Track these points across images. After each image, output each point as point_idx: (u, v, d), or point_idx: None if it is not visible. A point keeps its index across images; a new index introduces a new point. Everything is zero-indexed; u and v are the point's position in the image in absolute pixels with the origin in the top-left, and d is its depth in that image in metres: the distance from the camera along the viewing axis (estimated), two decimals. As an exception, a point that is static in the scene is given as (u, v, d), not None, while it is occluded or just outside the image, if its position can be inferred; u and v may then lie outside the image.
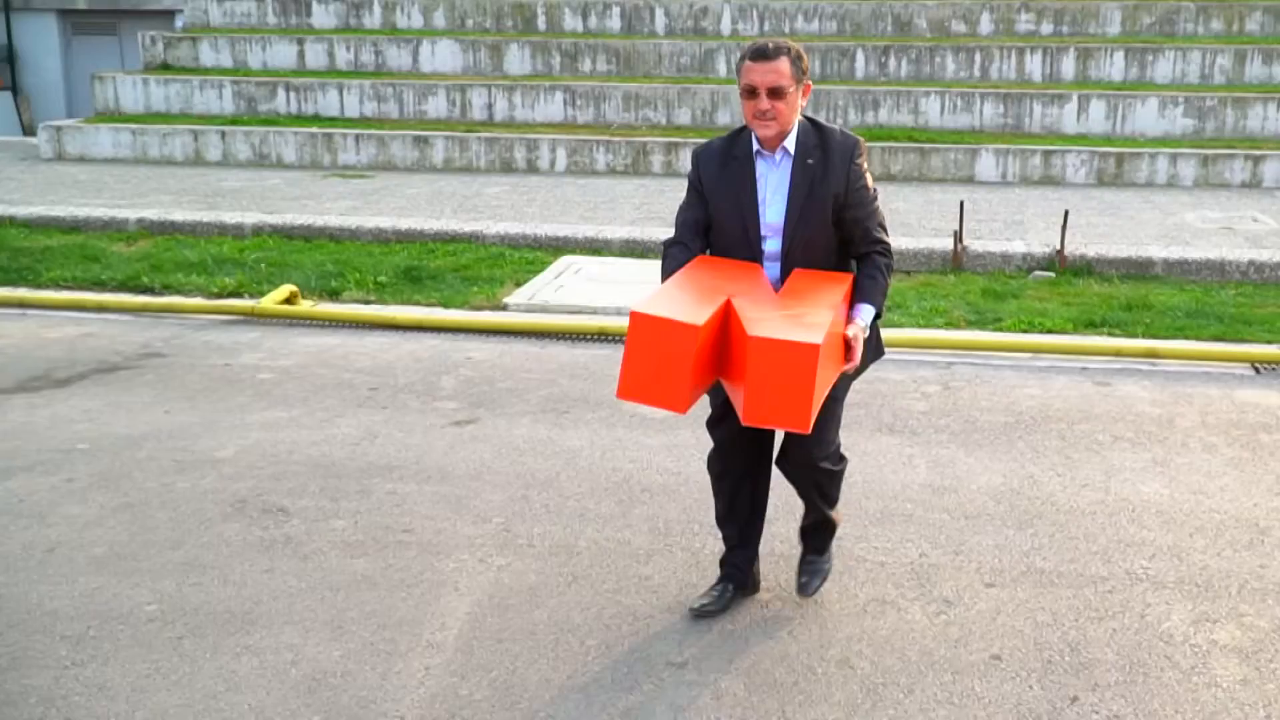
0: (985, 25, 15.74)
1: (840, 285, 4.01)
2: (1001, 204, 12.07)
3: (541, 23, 17.00)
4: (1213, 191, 12.73)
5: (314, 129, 15.19)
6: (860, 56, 15.15)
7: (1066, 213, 9.96)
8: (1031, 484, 5.72)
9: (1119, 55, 14.61)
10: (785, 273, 4.11)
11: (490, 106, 15.58)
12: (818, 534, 4.55)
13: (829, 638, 4.34)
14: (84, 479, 5.85)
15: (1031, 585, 4.72)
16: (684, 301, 3.71)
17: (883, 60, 15.11)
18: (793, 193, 4.06)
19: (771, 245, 4.13)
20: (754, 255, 4.13)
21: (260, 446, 6.26)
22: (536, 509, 5.47)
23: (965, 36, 15.58)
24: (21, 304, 9.45)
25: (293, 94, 16.18)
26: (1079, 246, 9.99)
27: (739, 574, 4.54)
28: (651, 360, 3.52)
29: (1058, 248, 9.84)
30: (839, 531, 4.65)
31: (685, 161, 13.84)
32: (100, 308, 9.29)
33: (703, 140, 4.45)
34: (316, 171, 14.84)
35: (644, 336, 3.53)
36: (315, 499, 5.60)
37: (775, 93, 3.96)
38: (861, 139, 4.12)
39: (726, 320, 3.72)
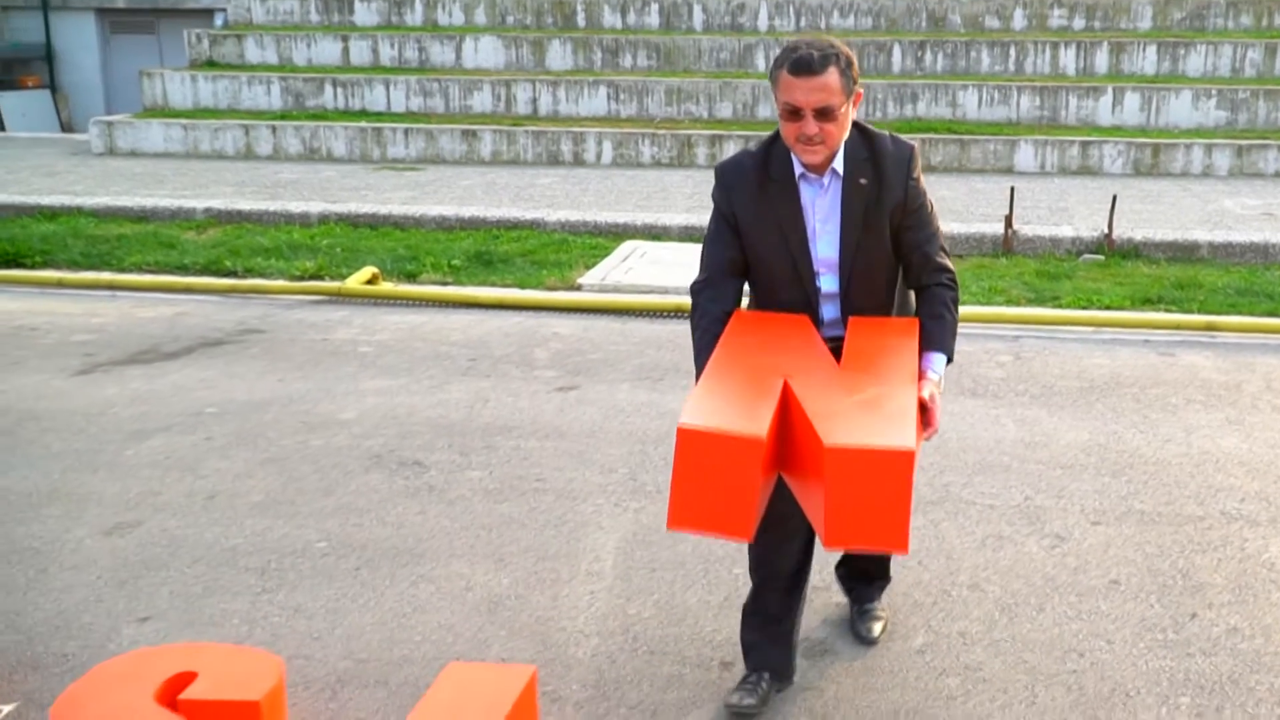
0: (1019, 20, 16.12)
1: (911, 340, 3.47)
2: (1043, 192, 12.44)
3: (581, 19, 17.38)
4: (1248, 180, 13.10)
5: (363, 123, 15.55)
6: (897, 51, 15.52)
7: (1115, 196, 10.33)
8: (1116, 439, 6.08)
9: (1151, 49, 14.98)
10: (845, 311, 3.58)
11: (534, 101, 15.94)
12: (871, 586, 4.23)
13: (956, 566, 4.70)
14: (221, 438, 6.21)
15: (1135, 523, 5.08)
16: (735, 399, 3.12)
17: (919, 55, 15.49)
18: (846, 221, 3.48)
19: (827, 283, 3.56)
20: (806, 296, 3.57)
21: (379, 409, 6.61)
22: (656, 461, 5.83)
23: (999, 32, 15.95)
24: (111, 286, 9.79)
25: (340, 89, 16.53)
26: (1125, 230, 10.35)
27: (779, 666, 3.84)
28: (707, 482, 2.90)
29: (1105, 231, 10.20)
30: (945, 481, 4.93)
31: (730, 153, 14.19)
32: (188, 289, 9.64)
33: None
34: (367, 165, 15.19)
35: (696, 455, 2.90)
36: (446, 454, 5.96)
37: (824, 113, 3.31)
38: (916, 145, 3.54)
39: (787, 410, 3.13)
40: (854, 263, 3.52)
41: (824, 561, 4.22)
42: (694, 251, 10.23)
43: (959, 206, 11.73)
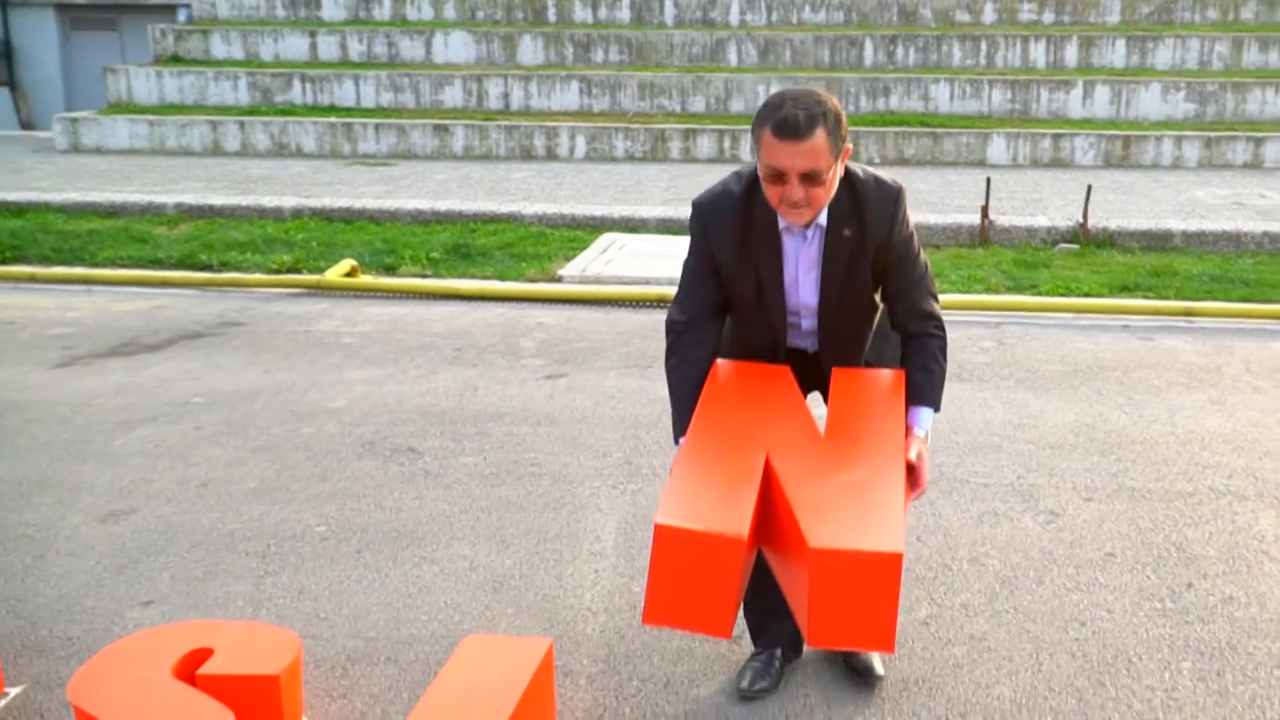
0: (989, 15, 16.23)
1: (897, 399, 3.37)
2: (1017, 184, 12.54)
3: (552, 14, 17.38)
4: (1217, 171, 13.25)
5: (333, 119, 15.50)
6: (869, 46, 15.61)
7: (1090, 187, 10.44)
8: (1103, 420, 6.15)
9: (1120, 43, 15.13)
10: (820, 343, 3.53)
11: (506, 96, 15.94)
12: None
13: (954, 542, 4.75)
14: (210, 427, 6.19)
15: (1126, 499, 5.14)
16: (715, 484, 3.02)
17: (890, 49, 15.58)
18: (828, 274, 3.36)
19: (806, 322, 3.50)
20: (776, 339, 3.52)
21: (368, 398, 6.61)
22: (650, 445, 5.85)
23: (970, 26, 16.06)
24: (85, 281, 9.73)
25: (308, 85, 16.48)
26: (1099, 220, 10.45)
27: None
28: (685, 579, 2.81)
29: (1080, 221, 10.30)
30: (939, 461, 4.95)
31: (704, 146, 14.26)
32: (164, 283, 9.59)
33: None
34: (338, 160, 15.15)
35: (674, 553, 2.82)
36: (439, 440, 5.96)
37: (810, 177, 3.08)
38: (902, 188, 3.32)
39: (769, 492, 3.03)
40: (834, 310, 3.44)
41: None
42: (673, 243, 10.34)
43: (934, 198, 11.81)
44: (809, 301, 3.42)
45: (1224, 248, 10.04)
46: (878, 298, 3.48)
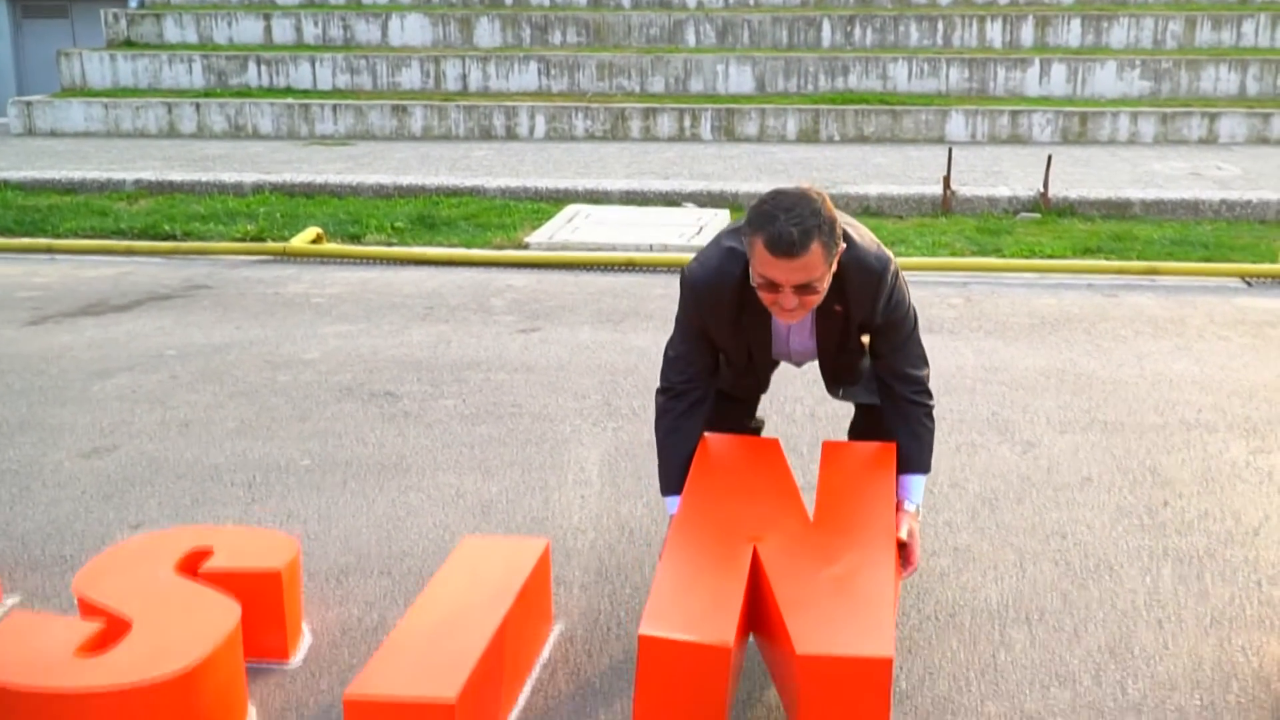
0: (945, -4, 16.40)
1: (887, 474, 3.41)
2: (976, 158, 12.67)
3: (509, -3, 17.39)
4: (1173, 147, 13.44)
5: (290, 100, 15.43)
6: (826, 26, 15.72)
7: (1050, 156, 10.58)
8: (1073, 364, 6.25)
9: (1075, 22, 15.31)
10: (824, 372, 3.62)
11: (464, 77, 15.93)
12: None
13: (933, 469, 4.80)
14: (187, 375, 6.18)
15: (1100, 431, 5.24)
16: (699, 591, 2.96)
17: (848, 29, 15.69)
18: (823, 344, 3.44)
19: (805, 366, 3.69)
20: (765, 383, 3.72)
21: (343, 350, 6.62)
22: (627, 388, 5.90)
23: (927, 6, 16.19)
24: (49, 250, 9.65)
25: (264, 67, 16.39)
26: (1060, 190, 10.59)
27: None
28: (673, 689, 2.77)
29: (1041, 190, 10.43)
30: None
31: (664, 126, 14.31)
32: (129, 251, 9.53)
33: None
34: (295, 141, 15.09)
35: (660, 662, 2.76)
36: (417, 386, 5.98)
37: (805, 288, 3.05)
38: (889, 265, 3.25)
39: (757, 586, 3.01)
40: (835, 361, 3.50)
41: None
42: (638, 213, 10.39)
43: (895, 171, 11.92)
44: (809, 358, 3.52)
45: (1182, 215, 10.21)
46: None
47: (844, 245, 3.11)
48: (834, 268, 3.09)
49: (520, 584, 3.24)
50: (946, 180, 10.53)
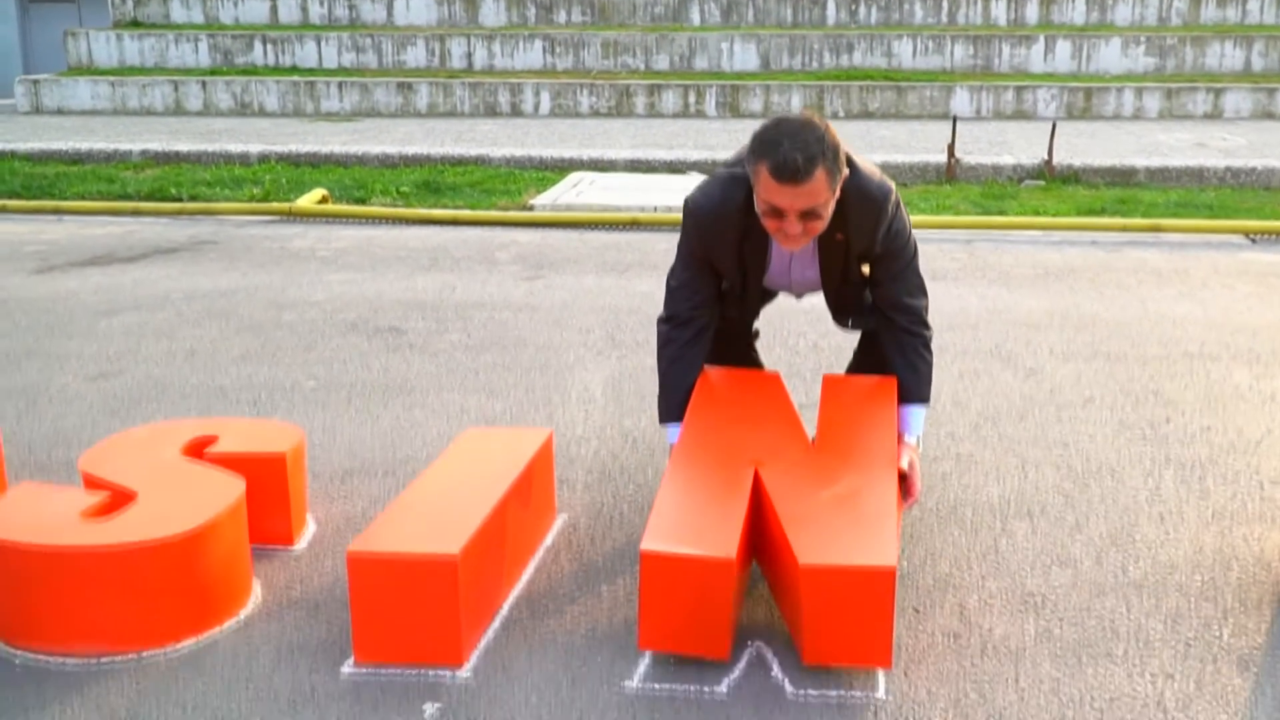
0: (950, -27, 16.41)
1: (889, 404, 3.38)
2: (981, 132, 12.69)
3: (514, -24, 17.40)
4: (1178, 121, 13.46)
5: (295, 78, 15.46)
6: (831, 3, 15.75)
7: (1054, 124, 10.59)
8: (1076, 308, 6.26)
9: (1080, 0, 15.33)
10: (830, 304, 3.57)
11: (469, 56, 15.96)
12: None
13: (936, 391, 4.78)
14: (193, 313, 6.21)
15: (1103, 361, 5.26)
16: (702, 504, 2.97)
17: (853, 7, 15.72)
18: (826, 273, 3.41)
19: (809, 298, 3.67)
20: (753, 315, 3.75)
21: (348, 293, 6.64)
22: (631, 323, 5.92)
23: (931, -15, 16.23)
24: (57, 211, 9.67)
25: (270, 46, 16.42)
26: (1064, 159, 10.59)
27: None
28: (677, 604, 2.73)
29: (1046, 158, 10.44)
30: None
31: (669, 102, 14.33)
32: (135, 212, 9.56)
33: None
34: (301, 118, 15.12)
35: (663, 579, 2.73)
36: (422, 323, 6.00)
37: (809, 214, 3.04)
38: (890, 193, 3.24)
39: (759, 507, 2.98)
40: (839, 291, 3.45)
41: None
42: (643, 180, 10.41)
43: (899, 143, 11.93)
44: (811, 289, 3.50)
45: (1187, 182, 10.21)
46: None
47: (847, 172, 3.09)
48: (837, 194, 3.07)
49: (523, 464, 3.25)
50: (951, 148, 10.54)
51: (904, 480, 3.19)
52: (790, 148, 2.91)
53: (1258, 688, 2.68)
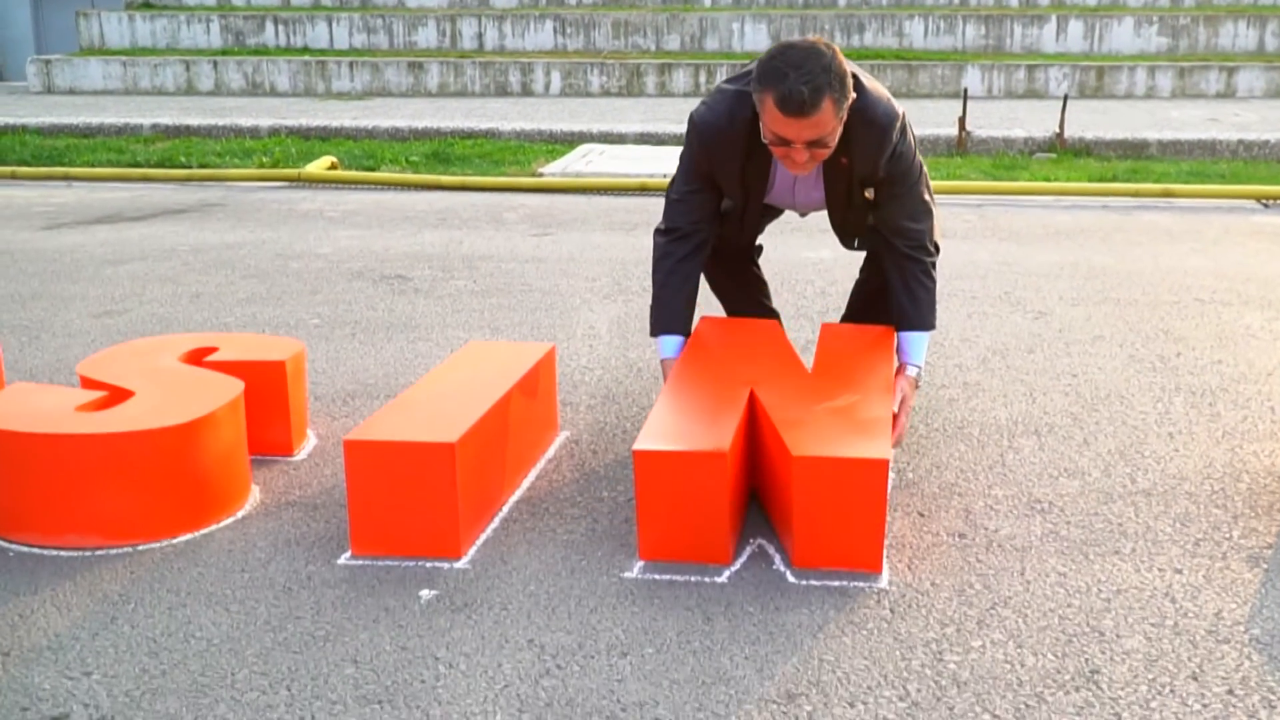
0: (962, -44, 16.34)
1: (886, 350, 3.34)
2: (993, 109, 12.63)
3: (526, -42, 17.36)
4: (1191, 100, 13.38)
5: (306, 58, 15.45)
6: (843, -16, 15.69)
7: (1066, 96, 10.52)
8: (1087, 261, 6.22)
9: (1093, -20, 15.29)
10: (834, 224, 3.51)
11: (480, 36, 15.92)
12: None
13: (943, 330, 4.76)
14: (199, 264, 6.19)
15: (1112, 305, 5.21)
16: (696, 413, 2.95)
17: (865, -13, 15.67)
18: (831, 196, 3.33)
19: (814, 218, 3.55)
20: (753, 233, 3.68)
21: (354, 247, 6.61)
22: (639, 273, 5.88)
23: (943, -34, 16.16)
24: (66, 178, 9.66)
25: (281, 27, 16.41)
26: (1075, 132, 10.54)
27: None
28: (674, 506, 2.69)
29: (1057, 131, 10.38)
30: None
31: (679, 82, 14.30)
32: (144, 178, 9.54)
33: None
34: (313, 97, 15.10)
35: (657, 479, 2.69)
36: (428, 271, 5.98)
37: (817, 144, 2.97)
38: (898, 117, 3.17)
39: (755, 421, 2.96)
40: (845, 214, 3.38)
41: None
42: (653, 152, 10.37)
43: (911, 117, 11.83)
44: (815, 209, 3.45)
45: (1199, 155, 10.15)
46: None
47: (854, 95, 3.00)
48: (844, 118, 2.99)
49: (524, 370, 3.22)
50: (962, 121, 10.48)
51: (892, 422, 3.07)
52: (796, 79, 2.84)
53: (1267, 580, 2.64)
